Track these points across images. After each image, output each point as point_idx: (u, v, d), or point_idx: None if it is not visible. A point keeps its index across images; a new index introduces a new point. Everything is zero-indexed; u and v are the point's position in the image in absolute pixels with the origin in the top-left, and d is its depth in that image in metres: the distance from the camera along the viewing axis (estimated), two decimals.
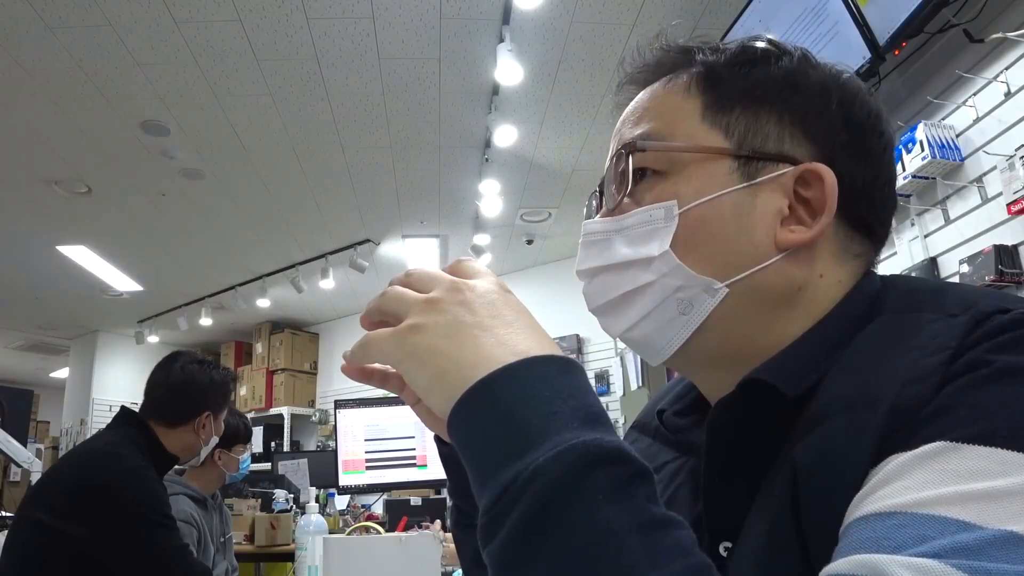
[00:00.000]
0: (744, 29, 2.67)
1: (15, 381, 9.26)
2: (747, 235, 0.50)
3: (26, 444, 3.99)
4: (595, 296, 0.56)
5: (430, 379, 0.41)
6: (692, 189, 0.51)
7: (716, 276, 0.50)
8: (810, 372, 0.46)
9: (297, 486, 3.47)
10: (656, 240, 0.51)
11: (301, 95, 3.48)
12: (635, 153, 0.53)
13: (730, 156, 0.51)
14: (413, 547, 1.32)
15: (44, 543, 1.46)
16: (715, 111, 0.53)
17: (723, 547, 0.49)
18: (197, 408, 1.75)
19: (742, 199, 0.50)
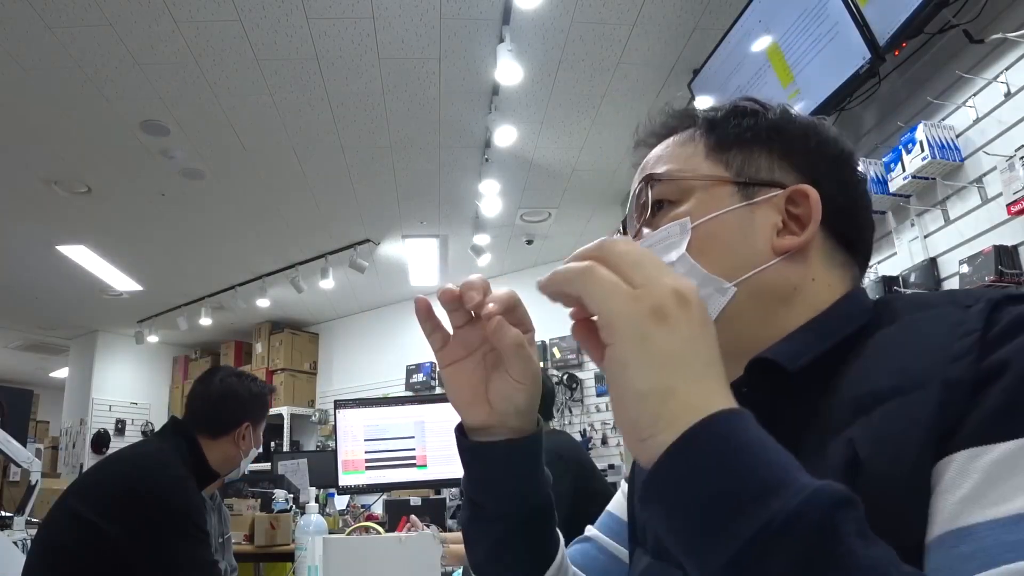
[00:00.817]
0: (744, 29, 2.67)
1: (15, 381, 9.25)
2: (749, 243, 0.60)
3: (26, 444, 3.98)
4: None
5: (652, 388, 0.39)
6: (701, 208, 0.61)
7: (725, 277, 0.59)
8: (807, 352, 0.54)
9: (297, 486, 3.47)
10: (674, 250, 0.60)
11: (301, 95, 3.48)
12: (653, 184, 0.64)
13: (730, 183, 0.62)
14: (413, 547, 1.32)
15: (80, 537, 1.49)
16: (716, 151, 0.64)
17: None
18: (238, 419, 1.80)
19: (743, 215, 0.61)
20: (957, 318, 0.47)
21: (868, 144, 2.45)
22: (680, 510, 0.37)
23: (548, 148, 4.10)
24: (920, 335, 0.49)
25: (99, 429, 7.36)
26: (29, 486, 2.96)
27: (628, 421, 0.40)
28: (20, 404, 5.23)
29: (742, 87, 2.76)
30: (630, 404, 0.40)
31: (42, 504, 4.32)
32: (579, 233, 5.46)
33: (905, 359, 0.48)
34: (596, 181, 4.57)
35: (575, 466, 1.83)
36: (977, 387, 0.42)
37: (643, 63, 3.31)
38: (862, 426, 0.46)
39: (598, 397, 5.48)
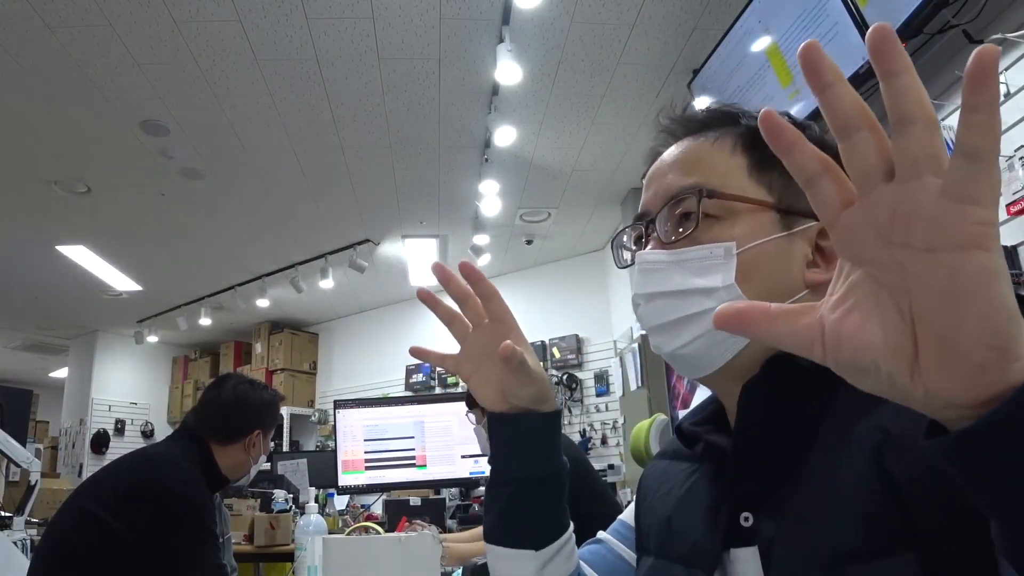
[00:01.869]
0: (744, 29, 2.67)
1: (14, 381, 9.25)
2: (787, 273, 0.61)
3: (25, 444, 3.98)
4: (651, 317, 0.64)
5: (1014, 306, 0.32)
6: (746, 233, 0.61)
7: None
8: None
9: (296, 486, 3.47)
10: (719, 273, 0.60)
11: (301, 95, 3.48)
12: (703, 199, 0.62)
13: (773, 209, 0.62)
14: (412, 547, 1.32)
15: (91, 534, 1.50)
16: (759, 170, 0.63)
17: (743, 517, 0.58)
18: (249, 426, 1.82)
19: (783, 244, 0.61)
20: None
21: None
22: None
23: (548, 148, 4.10)
24: None
25: (99, 429, 7.36)
26: (29, 486, 2.96)
27: (997, 340, 0.31)
28: (20, 404, 5.23)
29: (742, 87, 2.76)
30: (1002, 321, 0.32)
31: (42, 504, 4.32)
32: (579, 233, 5.47)
33: None
34: (596, 181, 4.57)
35: (573, 465, 1.83)
36: None
37: (643, 63, 3.31)
38: (887, 410, 0.47)
39: (598, 397, 5.48)
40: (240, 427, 1.80)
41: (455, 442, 3.15)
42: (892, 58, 0.33)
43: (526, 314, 5.95)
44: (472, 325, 0.70)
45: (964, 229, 0.32)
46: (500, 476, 0.72)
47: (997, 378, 0.32)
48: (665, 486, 0.73)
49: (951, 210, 0.32)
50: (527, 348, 0.67)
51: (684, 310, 0.61)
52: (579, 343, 5.68)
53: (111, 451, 7.35)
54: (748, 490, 0.58)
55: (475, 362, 0.70)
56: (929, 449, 0.35)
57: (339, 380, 7.27)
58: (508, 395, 0.68)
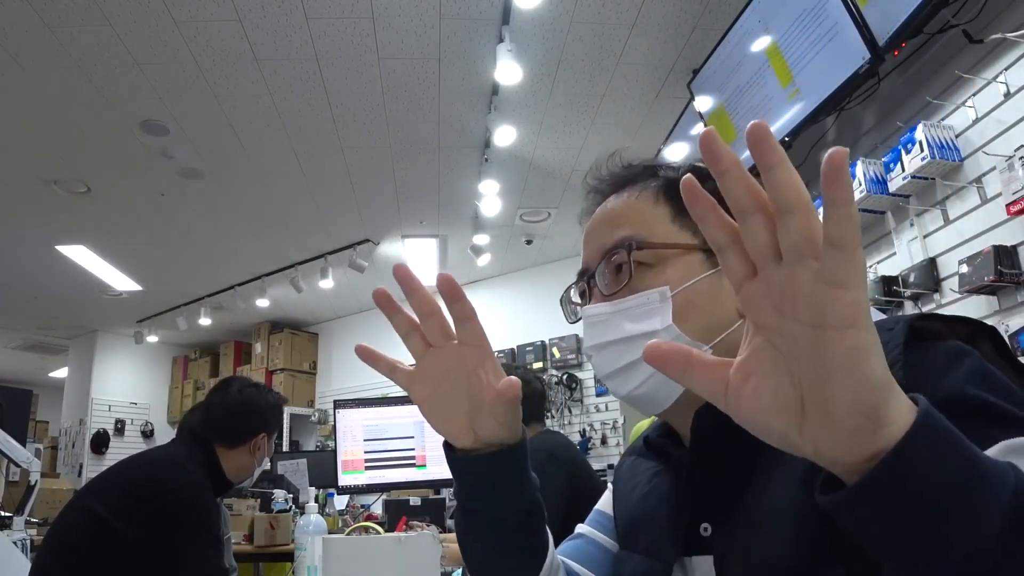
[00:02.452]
0: (744, 29, 2.67)
1: (14, 381, 9.25)
2: (720, 306, 0.65)
3: (25, 444, 3.98)
4: (604, 365, 0.69)
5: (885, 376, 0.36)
6: (678, 276, 0.65)
7: (703, 340, 0.63)
8: None
9: (296, 486, 3.47)
10: (657, 316, 0.65)
11: (300, 95, 3.48)
12: (633, 251, 0.67)
13: (699, 250, 0.67)
14: (412, 547, 1.32)
15: (94, 534, 1.51)
16: (682, 216, 0.68)
17: (703, 527, 0.63)
18: (255, 429, 1.83)
19: (713, 281, 0.65)
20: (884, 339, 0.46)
21: (868, 144, 2.45)
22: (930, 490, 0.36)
23: (548, 148, 4.10)
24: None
25: (98, 429, 7.36)
26: (28, 486, 2.96)
27: (866, 409, 0.36)
28: (19, 404, 5.22)
29: (741, 87, 2.76)
30: (870, 392, 0.36)
31: (41, 504, 4.32)
32: (578, 233, 5.43)
33: None
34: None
35: (569, 466, 1.84)
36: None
37: (643, 63, 3.31)
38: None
39: (598, 397, 5.48)
40: (246, 430, 1.82)
41: None
42: (768, 153, 0.36)
43: (526, 314, 5.98)
44: (433, 344, 0.62)
45: (837, 310, 0.36)
46: (487, 516, 0.68)
47: (869, 441, 0.36)
48: (631, 482, 0.78)
49: (824, 292, 0.36)
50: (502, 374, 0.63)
51: (631, 355, 0.65)
52: (579, 343, 5.67)
53: (111, 451, 7.35)
54: (703, 503, 0.64)
55: (431, 385, 0.62)
56: (819, 502, 0.39)
57: (339, 380, 7.27)
58: (478, 428, 0.62)
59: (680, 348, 0.41)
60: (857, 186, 2.22)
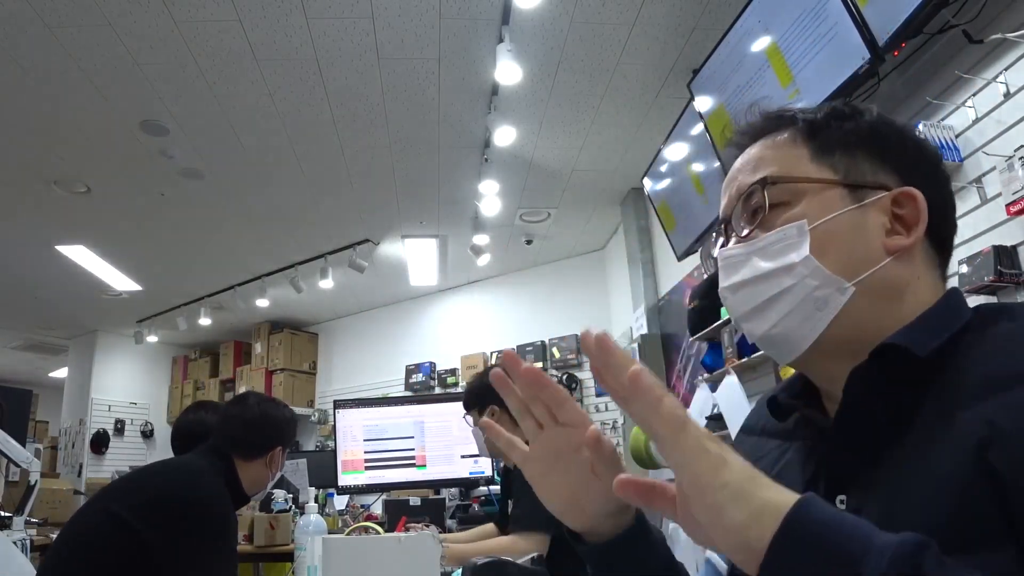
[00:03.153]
0: (744, 29, 2.67)
1: (14, 381, 9.25)
2: (864, 243, 0.63)
3: (25, 444, 3.98)
4: (739, 305, 0.68)
5: (747, 514, 0.44)
6: (816, 211, 0.64)
7: (844, 276, 0.62)
8: (932, 340, 0.58)
9: (296, 486, 3.47)
10: (794, 251, 0.63)
11: (300, 95, 3.48)
12: (768, 188, 0.66)
13: (840, 186, 0.64)
14: (412, 547, 1.32)
15: (113, 536, 1.52)
16: (821, 155, 0.66)
17: (839, 500, 0.59)
18: (272, 442, 1.87)
19: (855, 216, 0.63)
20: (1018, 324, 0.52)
21: None
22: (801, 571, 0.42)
23: (547, 148, 4.10)
24: None
25: (98, 429, 7.36)
26: (28, 486, 2.96)
27: (740, 545, 0.44)
28: (19, 404, 5.23)
29: (741, 87, 2.76)
30: (737, 534, 0.44)
31: (41, 504, 4.32)
32: (579, 233, 5.47)
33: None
34: (596, 181, 4.57)
35: None
36: None
37: (643, 63, 3.31)
38: (998, 404, 0.50)
39: (598, 397, 5.48)
40: (264, 443, 1.85)
41: (455, 442, 3.15)
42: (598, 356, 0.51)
43: (526, 314, 5.98)
44: (543, 426, 0.63)
45: (686, 484, 0.46)
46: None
47: (755, 548, 0.43)
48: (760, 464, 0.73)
49: (675, 473, 0.47)
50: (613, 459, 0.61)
51: (767, 292, 0.65)
52: (579, 343, 5.67)
53: (111, 451, 7.35)
54: (843, 471, 0.60)
55: (543, 466, 0.63)
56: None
57: (339, 380, 7.26)
58: (586, 505, 0.63)
59: (645, 481, 0.49)
60: None
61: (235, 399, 1.98)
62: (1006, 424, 0.49)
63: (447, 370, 6.36)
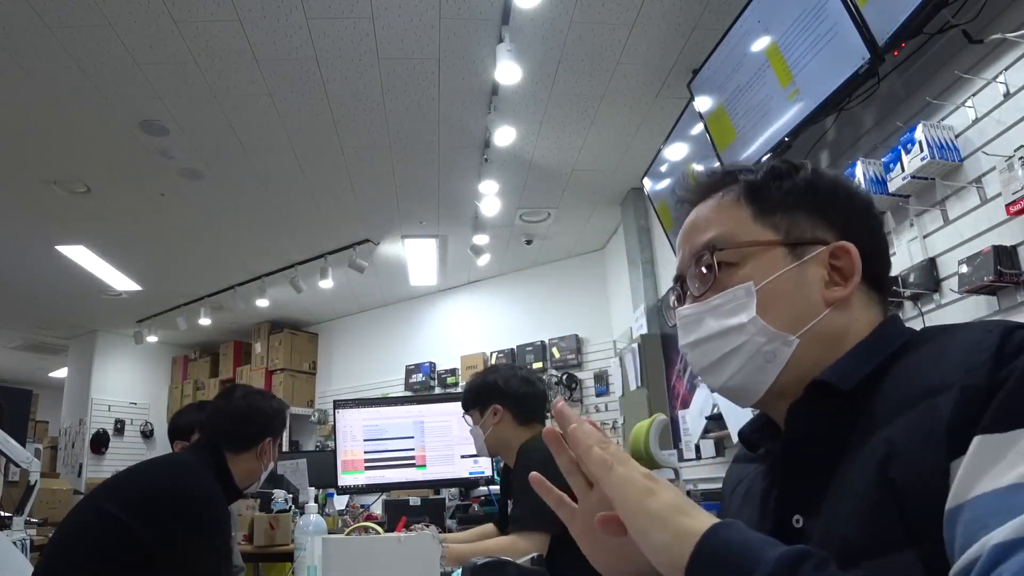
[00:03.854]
0: (743, 29, 2.67)
1: (14, 381, 9.26)
2: (805, 298, 0.69)
3: (25, 444, 3.98)
4: (698, 360, 0.74)
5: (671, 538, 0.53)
6: (761, 271, 0.70)
7: (789, 331, 0.68)
8: (855, 373, 0.64)
9: (296, 486, 3.47)
10: (743, 311, 0.69)
11: (300, 95, 3.48)
12: (716, 252, 0.72)
13: (781, 245, 0.71)
14: (412, 547, 1.32)
15: (110, 533, 1.53)
16: (762, 215, 0.72)
17: (795, 519, 0.66)
18: (261, 434, 1.87)
19: (797, 273, 0.69)
20: (979, 338, 0.56)
21: (867, 144, 2.45)
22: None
23: (547, 148, 4.10)
24: (949, 351, 0.59)
25: (98, 429, 7.36)
26: (28, 486, 2.96)
27: (667, 563, 0.53)
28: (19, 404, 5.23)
29: (741, 87, 2.76)
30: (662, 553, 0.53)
31: (41, 504, 4.31)
32: (578, 233, 5.47)
33: (935, 369, 0.58)
34: (595, 181, 4.57)
35: None
36: (989, 392, 0.52)
37: (642, 63, 3.31)
38: (898, 424, 0.56)
39: (597, 397, 5.48)
40: (254, 436, 1.85)
41: (454, 442, 3.15)
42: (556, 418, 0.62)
43: (526, 314, 5.98)
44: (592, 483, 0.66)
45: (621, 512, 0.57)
46: None
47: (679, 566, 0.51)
48: (736, 491, 0.81)
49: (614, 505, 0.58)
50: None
51: (722, 349, 0.71)
52: (579, 343, 5.68)
53: (111, 451, 7.36)
54: (795, 495, 0.67)
55: (590, 524, 0.64)
56: None
57: (339, 380, 7.27)
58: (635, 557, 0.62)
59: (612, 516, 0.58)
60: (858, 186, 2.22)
61: (222, 392, 1.98)
62: (900, 439, 0.55)
63: (447, 370, 6.36)
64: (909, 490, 0.53)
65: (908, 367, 0.61)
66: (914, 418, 0.55)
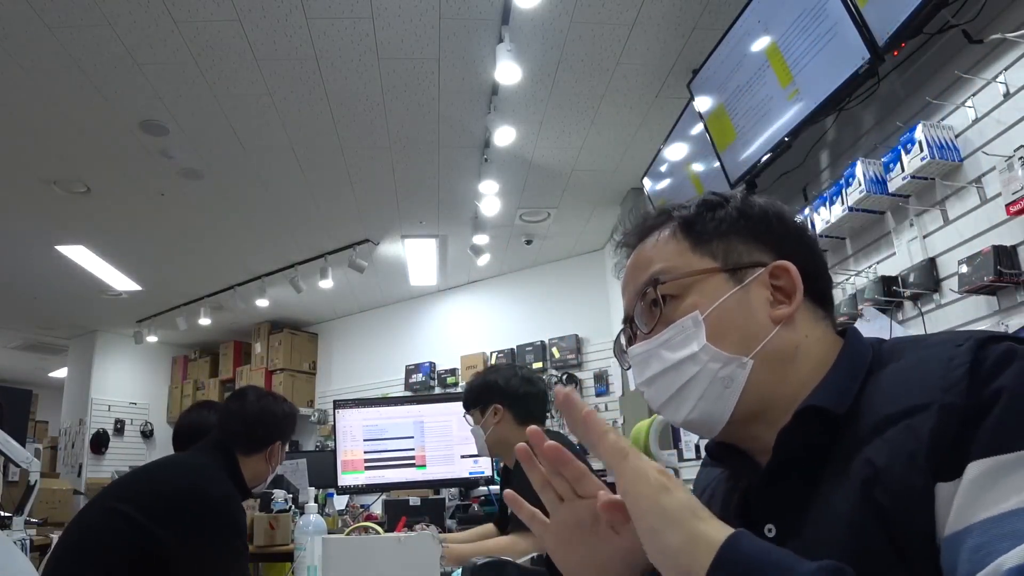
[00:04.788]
0: (743, 29, 2.67)
1: (14, 381, 9.26)
2: (752, 319, 0.69)
3: (25, 444, 3.98)
4: (656, 396, 0.73)
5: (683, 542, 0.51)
6: (705, 299, 0.70)
7: (742, 353, 0.68)
8: (846, 396, 0.64)
9: (296, 486, 3.47)
10: (693, 341, 0.69)
11: (300, 95, 3.48)
12: (659, 285, 0.72)
13: (721, 271, 0.71)
14: (412, 547, 1.32)
15: (125, 534, 1.53)
16: (699, 245, 0.73)
17: (768, 528, 0.66)
18: (271, 437, 1.89)
19: (740, 296, 0.70)
20: (950, 354, 0.56)
21: (867, 144, 2.45)
22: None
23: (547, 148, 4.10)
24: (922, 369, 0.58)
25: (98, 429, 7.36)
26: (28, 486, 2.96)
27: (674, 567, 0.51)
28: (19, 404, 5.23)
29: (741, 87, 2.76)
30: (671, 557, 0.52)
31: (41, 504, 4.31)
32: (578, 233, 5.47)
33: (911, 389, 0.58)
34: (595, 181, 4.57)
35: None
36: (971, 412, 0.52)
37: (642, 63, 3.31)
38: (878, 445, 0.57)
39: (597, 397, 5.48)
40: (264, 438, 1.87)
41: (454, 442, 3.15)
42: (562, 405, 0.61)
43: (526, 314, 5.98)
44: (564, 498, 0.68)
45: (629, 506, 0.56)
46: None
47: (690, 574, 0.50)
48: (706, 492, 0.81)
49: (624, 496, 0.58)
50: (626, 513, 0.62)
51: (678, 381, 0.70)
52: (579, 343, 5.68)
53: (110, 451, 7.35)
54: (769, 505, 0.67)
55: (562, 537, 0.68)
56: None
57: (338, 380, 7.26)
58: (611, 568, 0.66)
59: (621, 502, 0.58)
60: (857, 186, 2.22)
61: (235, 394, 1.99)
62: (883, 462, 0.55)
63: (447, 370, 6.36)
64: (895, 515, 0.53)
65: (882, 384, 0.62)
66: (894, 439, 0.55)
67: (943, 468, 0.51)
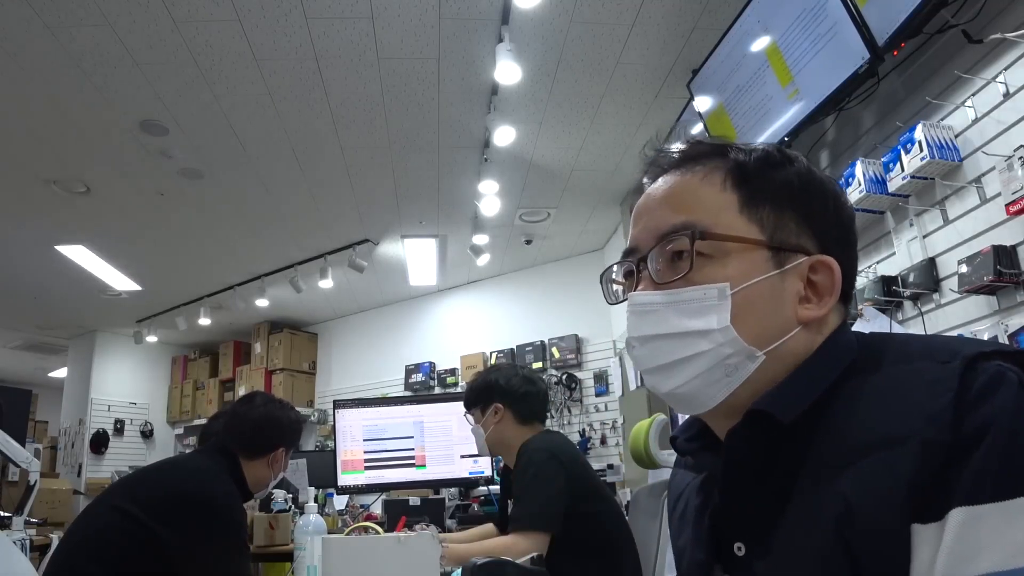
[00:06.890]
0: (743, 29, 2.68)
1: (13, 381, 9.26)
2: (780, 312, 0.62)
3: (24, 444, 3.98)
4: (647, 359, 0.65)
5: None
6: (739, 273, 0.61)
7: (757, 345, 0.61)
8: (797, 404, 0.58)
9: (296, 486, 3.47)
10: (714, 314, 0.61)
11: (300, 95, 3.48)
12: (695, 241, 0.62)
13: (765, 247, 0.62)
14: (412, 547, 1.32)
15: (130, 534, 1.54)
16: (750, 206, 0.64)
17: (737, 546, 0.61)
18: (275, 443, 1.91)
19: (775, 282, 0.62)
20: (934, 375, 0.51)
21: (867, 144, 2.46)
22: None
23: (547, 148, 4.10)
24: (901, 391, 0.53)
25: (98, 429, 7.36)
26: (28, 486, 2.96)
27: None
28: (19, 404, 5.23)
29: (741, 87, 2.76)
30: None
31: (41, 504, 4.31)
32: (578, 233, 5.47)
33: (888, 414, 0.52)
34: (595, 181, 4.57)
35: (570, 465, 1.84)
36: (955, 451, 0.48)
37: (642, 63, 3.31)
38: (852, 477, 0.52)
39: (597, 397, 5.48)
40: (267, 444, 1.88)
41: (454, 442, 3.15)
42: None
43: (525, 314, 5.98)
44: None
45: None
46: None
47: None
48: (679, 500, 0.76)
49: None
50: None
51: (680, 352, 0.62)
52: (578, 343, 5.68)
53: (110, 451, 7.35)
54: (735, 521, 0.62)
55: None
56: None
57: (338, 380, 7.26)
58: None
59: None
60: (857, 186, 2.22)
61: (243, 398, 2.01)
62: (856, 498, 0.51)
63: (447, 370, 6.36)
64: (868, 559, 0.50)
65: (858, 401, 0.56)
66: (870, 471, 0.51)
67: (922, 509, 0.48)
